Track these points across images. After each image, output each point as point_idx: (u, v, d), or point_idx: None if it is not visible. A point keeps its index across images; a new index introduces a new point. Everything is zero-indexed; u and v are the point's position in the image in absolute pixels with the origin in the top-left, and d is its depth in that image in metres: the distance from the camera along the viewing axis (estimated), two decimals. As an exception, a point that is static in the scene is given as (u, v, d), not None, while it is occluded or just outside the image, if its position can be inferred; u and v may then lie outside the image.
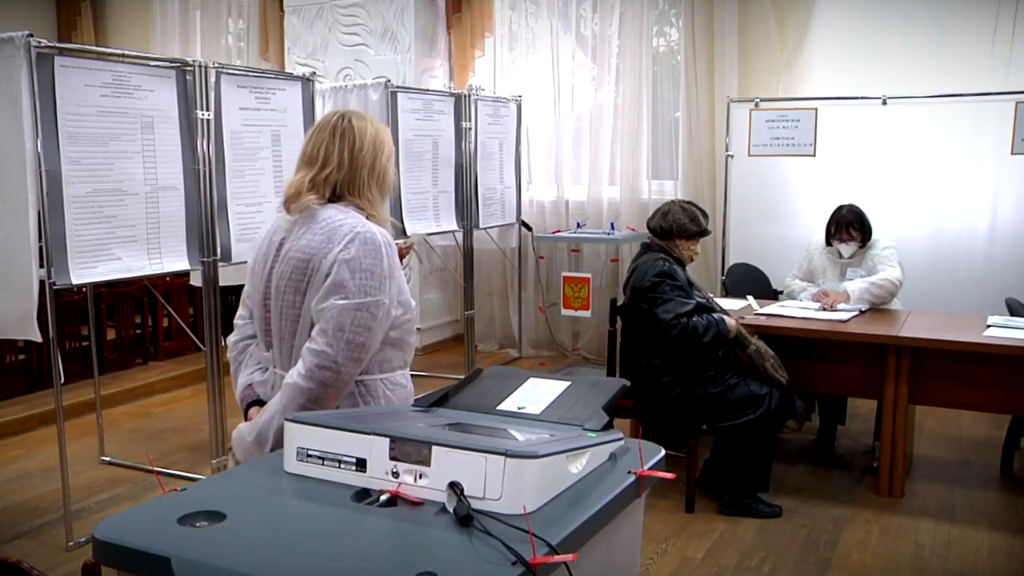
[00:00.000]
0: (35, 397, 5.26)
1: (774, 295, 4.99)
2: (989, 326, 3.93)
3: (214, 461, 4.05)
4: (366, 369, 1.99)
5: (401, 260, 2.73)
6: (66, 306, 5.30)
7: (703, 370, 3.64)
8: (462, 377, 2.02)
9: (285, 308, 1.99)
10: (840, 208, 4.45)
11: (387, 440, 1.50)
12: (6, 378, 5.26)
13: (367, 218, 1.99)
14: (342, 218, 1.96)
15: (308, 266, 1.94)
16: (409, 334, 2.07)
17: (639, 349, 3.77)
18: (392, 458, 1.49)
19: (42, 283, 3.31)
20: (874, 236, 4.42)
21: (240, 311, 2.19)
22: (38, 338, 3.36)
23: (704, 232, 3.81)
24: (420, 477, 1.46)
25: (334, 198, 2.01)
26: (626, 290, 3.86)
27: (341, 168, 2.00)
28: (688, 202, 3.92)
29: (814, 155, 5.51)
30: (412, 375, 2.15)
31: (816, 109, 5.48)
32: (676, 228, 3.76)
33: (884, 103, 5.30)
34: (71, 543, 3.44)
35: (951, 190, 5.19)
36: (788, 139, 5.57)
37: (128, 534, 1.35)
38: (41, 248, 3.33)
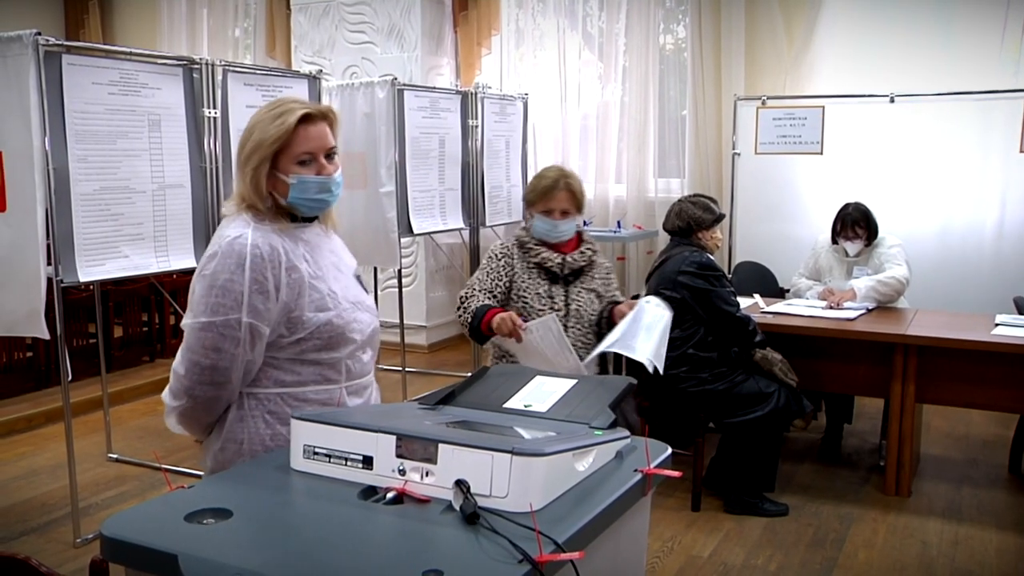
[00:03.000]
0: (42, 394, 5.28)
1: (781, 293, 4.97)
2: (997, 325, 3.91)
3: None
4: (257, 381, 1.87)
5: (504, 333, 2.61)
6: (73, 304, 5.31)
7: (716, 364, 3.64)
8: (468, 375, 2.01)
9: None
10: (846, 206, 4.44)
11: (394, 438, 1.50)
12: (14, 375, 5.27)
13: (260, 223, 1.84)
14: (225, 229, 1.86)
15: (191, 283, 1.90)
16: (320, 351, 1.87)
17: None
18: (399, 456, 1.49)
19: (49, 281, 3.32)
20: (881, 234, 4.41)
21: None
22: (45, 335, 3.37)
23: (720, 217, 3.84)
24: (427, 475, 1.46)
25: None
26: (650, 279, 3.85)
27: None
28: (693, 196, 3.95)
29: (821, 153, 5.50)
30: (420, 372, 2.13)
31: (823, 107, 5.47)
32: (693, 222, 3.78)
33: (892, 101, 5.28)
34: (79, 540, 3.46)
35: (959, 188, 5.17)
36: (795, 137, 5.56)
37: (135, 531, 1.36)
38: (48, 246, 3.33)
